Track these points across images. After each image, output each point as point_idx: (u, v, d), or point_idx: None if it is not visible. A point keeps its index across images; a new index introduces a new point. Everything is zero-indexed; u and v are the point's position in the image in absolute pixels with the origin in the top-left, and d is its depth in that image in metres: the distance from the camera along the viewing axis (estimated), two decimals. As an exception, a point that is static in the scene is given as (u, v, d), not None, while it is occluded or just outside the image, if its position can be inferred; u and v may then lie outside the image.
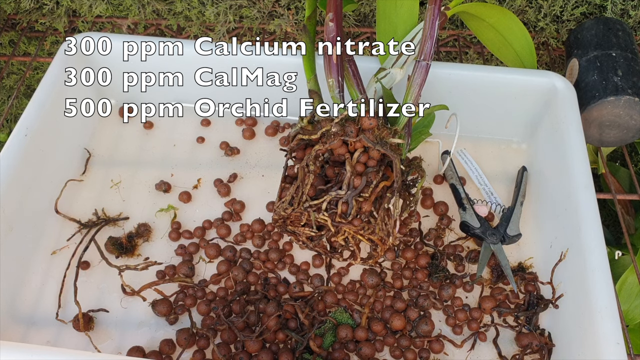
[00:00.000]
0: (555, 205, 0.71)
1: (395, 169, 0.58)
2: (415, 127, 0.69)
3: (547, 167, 0.74)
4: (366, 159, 0.60)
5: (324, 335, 0.63)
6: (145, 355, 0.61)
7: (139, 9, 0.90)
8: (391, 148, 0.58)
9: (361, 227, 0.59)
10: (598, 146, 0.81)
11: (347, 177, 0.59)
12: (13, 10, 0.91)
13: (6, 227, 0.63)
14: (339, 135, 0.59)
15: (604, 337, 0.56)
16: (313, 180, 0.60)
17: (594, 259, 0.61)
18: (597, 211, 0.65)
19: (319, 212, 0.59)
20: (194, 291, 0.66)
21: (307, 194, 0.59)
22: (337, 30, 0.59)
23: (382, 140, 0.58)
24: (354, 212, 0.58)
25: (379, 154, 0.59)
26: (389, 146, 0.58)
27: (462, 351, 0.64)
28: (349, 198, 0.58)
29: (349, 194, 0.58)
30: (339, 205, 0.58)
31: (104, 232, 0.70)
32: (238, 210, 0.73)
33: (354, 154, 0.59)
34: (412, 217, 0.66)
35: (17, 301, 0.64)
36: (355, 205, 0.58)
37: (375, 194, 0.58)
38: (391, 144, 0.59)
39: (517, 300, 0.67)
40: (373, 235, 0.59)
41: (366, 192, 0.58)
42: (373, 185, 0.58)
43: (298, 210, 0.59)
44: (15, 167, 0.64)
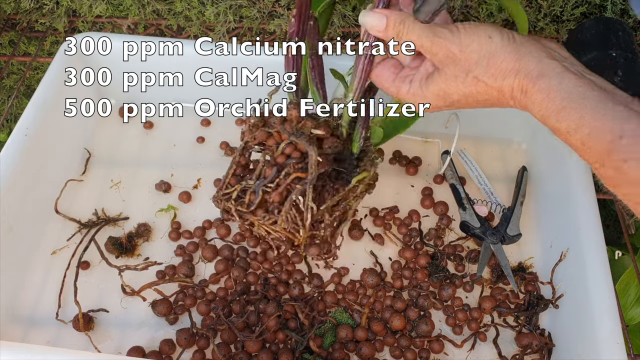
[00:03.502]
0: (555, 205, 0.71)
1: (310, 160, 0.57)
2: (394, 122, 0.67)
3: (547, 167, 0.74)
4: (291, 151, 0.59)
5: (324, 335, 0.63)
6: (145, 355, 0.61)
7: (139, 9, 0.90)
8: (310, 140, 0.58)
9: (262, 217, 0.59)
10: (598, 146, 0.81)
11: (259, 167, 0.60)
12: (13, 10, 0.91)
13: (6, 227, 0.63)
14: (260, 126, 0.60)
15: (604, 337, 0.56)
16: (235, 170, 0.61)
17: (594, 259, 0.61)
18: (597, 211, 0.65)
19: (228, 201, 0.60)
20: (193, 291, 0.66)
21: (229, 183, 0.61)
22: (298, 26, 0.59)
23: (299, 131, 0.58)
24: (258, 202, 0.58)
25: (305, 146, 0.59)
26: (306, 137, 0.58)
27: (462, 351, 0.64)
28: (256, 188, 0.59)
29: (257, 184, 0.59)
30: (247, 195, 0.59)
31: (104, 232, 0.70)
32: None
33: (280, 145, 0.60)
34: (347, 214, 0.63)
35: (17, 301, 0.64)
36: (262, 195, 0.59)
37: (285, 185, 0.58)
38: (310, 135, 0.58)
39: (517, 300, 0.67)
40: (275, 227, 0.59)
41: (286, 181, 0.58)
42: (282, 176, 0.58)
43: (217, 199, 0.61)
44: (15, 167, 0.64)
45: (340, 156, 0.62)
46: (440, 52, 0.48)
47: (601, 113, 0.41)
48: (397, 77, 0.53)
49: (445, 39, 0.47)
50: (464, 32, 0.47)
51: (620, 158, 0.40)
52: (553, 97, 0.43)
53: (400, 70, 0.53)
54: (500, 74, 0.46)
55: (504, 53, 0.46)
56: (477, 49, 0.47)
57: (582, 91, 0.42)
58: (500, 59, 0.46)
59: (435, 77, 0.50)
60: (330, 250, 0.63)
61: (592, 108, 0.42)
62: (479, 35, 0.47)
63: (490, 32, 0.47)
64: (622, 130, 0.40)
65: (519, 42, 0.46)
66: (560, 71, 0.44)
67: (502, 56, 0.46)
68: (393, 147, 0.81)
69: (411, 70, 0.53)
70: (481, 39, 0.47)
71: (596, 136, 0.41)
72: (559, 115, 0.43)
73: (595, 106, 0.42)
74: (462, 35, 0.47)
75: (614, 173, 0.41)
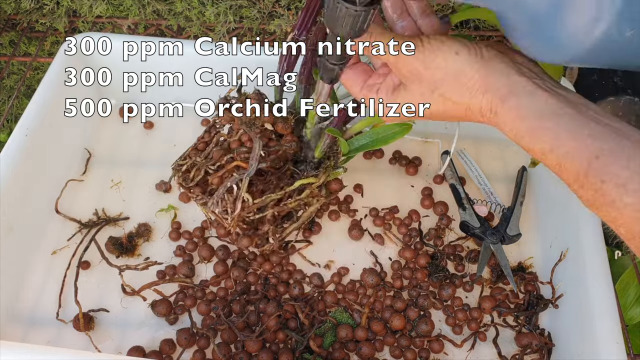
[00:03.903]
0: (555, 205, 0.71)
1: (252, 152, 0.59)
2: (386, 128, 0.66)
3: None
4: (247, 139, 0.61)
5: (324, 335, 0.63)
6: (146, 355, 0.61)
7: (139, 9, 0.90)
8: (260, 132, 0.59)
9: (196, 196, 0.62)
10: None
11: (209, 148, 0.62)
12: (13, 10, 0.91)
13: (6, 227, 0.63)
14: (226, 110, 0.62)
15: (604, 337, 0.56)
16: (198, 145, 0.64)
17: (593, 259, 0.61)
18: (597, 211, 0.65)
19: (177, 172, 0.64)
20: (193, 291, 0.66)
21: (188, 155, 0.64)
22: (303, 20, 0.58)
23: (251, 121, 0.60)
24: (198, 179, 0.61)
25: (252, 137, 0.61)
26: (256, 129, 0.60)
27: (462, 351, 0.64)
28: (201, 166, 0.62)
29: (202, 163, 0.62)
30: (192, 171, 0.62)
31: (104, 232, 0.70)
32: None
33: (238, 132, 0.62)
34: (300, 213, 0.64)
35: (17, 301, 0.65)
36: (203, 174, 0.61)
37: (226, 170, 0.60)
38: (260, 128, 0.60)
39: (517, 300, 0.67)
40: (205, 209, 0.62)
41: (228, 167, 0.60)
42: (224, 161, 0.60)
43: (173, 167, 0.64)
44: (15, 167, 0.64)
45: (299, 157, 0.63)
46: (403, 68, 0.46)
47: (576, 132, 0.39)
48: (365, 85, 0.51)
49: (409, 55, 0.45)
50: (429, 47, 0.45)
51: (599, 179, 0.38)
52: (524, 117, 0.41)
53: (369, 77, 0.51)
54: (468, 91, 0.44)
55: (471, 70, 0.44)
56: (442, 65, 0.44)
57: (554, 109, 0.41)
58: (467, 76, 0.44)
59: (402, 93, 0.48)
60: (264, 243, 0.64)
61: (567, 127, 0.40)
62: (444, 50, 0.44)
63: (457, 48, 0.44)
64: (599, 149, 0.38)
65: (486, 58, 0.44)
66: (531, 89, 0.42)
67: (469, 73, 0.44)
68: (393, 147, 0.81)
69: (378, 78, 0.50)
70: (446, 55, 0.44)
71: (572, 156, 0.39)
72: (533, 136, 0.41)
73: (569, 124, 0.40)
74: (426, 50, 0.44)
75: (593, 194, 0.39)
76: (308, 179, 0.61)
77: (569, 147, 0.39)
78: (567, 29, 0.38)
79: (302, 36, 0.59)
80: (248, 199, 0.58)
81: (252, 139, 0.59)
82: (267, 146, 0.61)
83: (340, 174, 0.64)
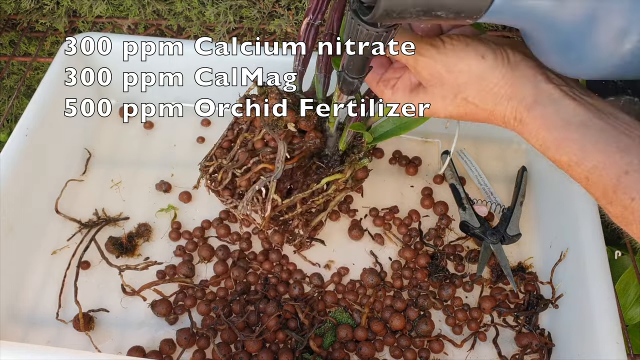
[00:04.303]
0: (555, 205, 0.71)
1: (277, 155, 0.58)
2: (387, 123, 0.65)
3: (547, 167, 0.74)
4: (270, 139, 0.60)
5: (324, 335, 0.63)
6: (146, 355, 0.61)
7: (139, 9, 0.90)
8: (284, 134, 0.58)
9: (226, 199, 0.61)
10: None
11: (234, 150, 0.61)
12: (13, 10, 0.91)
13: (6, 227, 0.63)
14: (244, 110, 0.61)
15: (604, 337, 0.56)
16: (222, 144, 0.63)
17: (593, 259, 0.61)
18: (597, 211, 0.65)
19: (205, 174, 0.63)
20: (193, 291, 0.66)
21: (214, 154, 0.63)
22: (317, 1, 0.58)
23: (274, 122, 0.59)
24: (226, 182, 0.61)
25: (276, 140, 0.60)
26: (280, 131, 0.58)
27: (462, 351, 0.64)
28: (228, 169, 0.61)
29: (229, 165, 0.60)
30: (220, 173, 0.61)
31: (104, 232, 0.70)
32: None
33: (261, 131, 0.61)
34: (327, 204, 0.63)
35: (17, 301, 0.64)
36: (231, 177, 0.60)
37: (253, 172, 0.59)
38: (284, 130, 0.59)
39: (517, 300, 0.67)
40: (235, 211, 0.61)
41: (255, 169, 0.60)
42: (251, 164, 0.59)
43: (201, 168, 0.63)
44: (15, 167, 0.64)
45: (323, 151, 0.62)
46: (424, 71, 0.44)
47: (604, 145, 0.38)
48: (381, 80, 0.49)
49: (430, 57, 0.43)
50: (452, 49, 0.43)
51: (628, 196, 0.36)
52: (550, 127, 0.40)
53: (385, 71, 0.49)
54: (492, 97, 0.43)
55: (496, 76, 0.42)
56: (466, 69, 0.42)
57: (582, 119, 0.39)
58: (492, 82, 0.42)
59: (421, 94, 0.46)
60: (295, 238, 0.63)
61: (594, 139, 0.38)
62: (468, 53, 0.42)
63: (482, 51, 0.42)
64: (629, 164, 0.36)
65: (513, 64, 0.42)
66: (558, 97, 0.40)
67: (494, 79, 0.42)
68: (393, 147, 0.81)
69: (395, 73, 0.48)
70: (471, 59, 0.42)
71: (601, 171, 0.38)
72: (559, 147, 0.40)
73: (597, 136, 0.38)
74: (449, 53, 0.43)
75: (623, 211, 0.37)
76: (334, 176, 0.60)
77: (597, 161, 0.38)
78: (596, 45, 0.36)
79: (317, 20, 0.58)
80: (277, 199, 0.58)
81: (276, 140, 0.58)
82: (291, 144, 0.60)
83: (366, 164, 0.63)
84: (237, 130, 0.63)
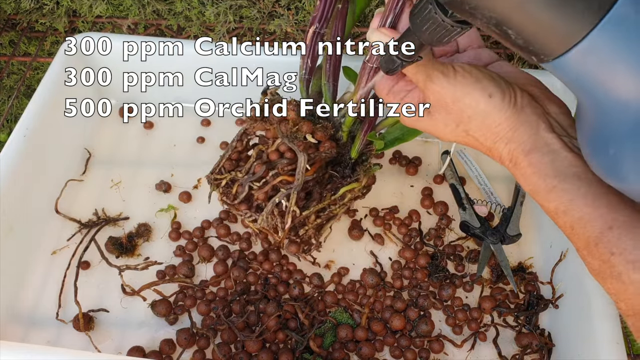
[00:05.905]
0: (555, 205, 0.71)
1: (298, 167, 0.56)
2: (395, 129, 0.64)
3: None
4: (285, 149, 0.59)
5: (324, 335, 0.63)
6: (145, 355, 0.61)
7: (139, 9, 0.90)
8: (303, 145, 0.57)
9: (244, 213, 0.59)
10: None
11: (250, 162, 0.60)
12: (13, 10, 0.91)
13: (6, 227, 0.63)
14: (259, 119, 0.60)
15: (604, 337, 0.56)
16: (231, 155, 0.61)
17: (593, 259, 0.61)
18: (597, 211, 0.65)
19: (216, 187, 0.61)
20: (193, 291, 0.66)
21: (223, 166, 0.61)
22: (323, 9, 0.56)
23: (293, 134, 0.58)
24: (243, 196, 0.59)
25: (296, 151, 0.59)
26: (299, 142, 0.57)
27: (462, 351, 0.64)
28: (244, 182, 0.59)
29: (245, 179, 0.59)
30: (234, 186, 0.59)
31: (104, 232, 0.70)
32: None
33: (275, 142, 0.59)
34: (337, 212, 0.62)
35: (17, 301, 0.64)
36: (247, 190, 0.59)
37: (271, 185, 0.57)
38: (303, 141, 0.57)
39: (517, 300, 0.67)
40: (255, 225, 0.59)
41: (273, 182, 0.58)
42: (270, 176, 0.58)
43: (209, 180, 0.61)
44: (15, 167, 0.64)
45: (336, 159, 0.61)
46: (432, 97, 0.45)
47: (593, 198, 0.38)
48: (390, 91, 0.49)
49: (438, 85, 0.44)
50: (462, 82, 0.43)
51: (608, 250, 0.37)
52: (543, 175, 0.41)
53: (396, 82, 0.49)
54: (492, 136, 0.43)
55: (500, 117, 0.43)
56: (472, 105, 0.43)
57: (577, 171, 0.40)
58: (495, 121, 0.43)
59: (425, 117, 0.47)
60: (310, 248, 0.63)
61: (585, 191, 0.39)
62: (477, 90, 0.43)
63: (491, 90, 0.42)
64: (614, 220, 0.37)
65: (519, 107, 0.43)
66: (557, 148, 0.41)
67: (498, 120, 0.43)
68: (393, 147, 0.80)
69: (406, 85, 0.49)
70: (479, 96, 0.43)
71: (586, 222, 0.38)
72: (549, 194, 0.40)
73: (587, 190, 0.39)
74: (458, 85, 0.43)
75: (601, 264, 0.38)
76: (352, 185, 0.60)
77: (584, 213, 0.39)
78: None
79: (323, 29, 0.58)
80: (296, 211, 0.57)
81: (296, 152, 0.57)
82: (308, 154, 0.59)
83: (377, 170, 0.63)
84: (246, 141, 0.62)
